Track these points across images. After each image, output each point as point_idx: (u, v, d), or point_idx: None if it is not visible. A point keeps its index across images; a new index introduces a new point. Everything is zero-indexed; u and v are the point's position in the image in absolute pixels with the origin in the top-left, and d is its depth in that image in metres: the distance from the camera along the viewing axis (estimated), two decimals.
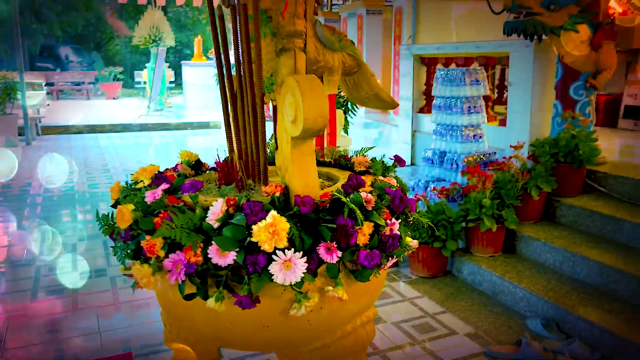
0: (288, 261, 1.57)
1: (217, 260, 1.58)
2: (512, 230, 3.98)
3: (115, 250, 1.93)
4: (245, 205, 1.59)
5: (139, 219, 1.72)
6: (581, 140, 4.01)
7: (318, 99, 1.53)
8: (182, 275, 1.62)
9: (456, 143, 4.53)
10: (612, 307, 3.18)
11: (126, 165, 8.54)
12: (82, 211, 6.00)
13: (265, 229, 1.52)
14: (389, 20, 7.45)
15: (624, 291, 3.24)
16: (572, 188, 4.08)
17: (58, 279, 4.10)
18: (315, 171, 1.68)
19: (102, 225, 1.96)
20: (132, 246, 1.75)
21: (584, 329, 3.08)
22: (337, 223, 1.62)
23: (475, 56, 5.38)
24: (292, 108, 1.57)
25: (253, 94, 1.77)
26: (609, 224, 3.72)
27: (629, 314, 3.09)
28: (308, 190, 1.66)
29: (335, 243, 1.61)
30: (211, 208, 1.63)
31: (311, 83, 1.54)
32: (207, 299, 1.61)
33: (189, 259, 1.61)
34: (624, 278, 3.25)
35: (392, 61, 7.17)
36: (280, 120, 1.70)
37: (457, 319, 3.45)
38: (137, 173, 1.96)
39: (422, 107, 6.16)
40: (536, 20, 4.06)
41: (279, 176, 1.89)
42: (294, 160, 1.64)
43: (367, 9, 7.83)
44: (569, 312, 3.18)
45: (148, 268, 1.65)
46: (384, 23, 7.78)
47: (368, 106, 3.61)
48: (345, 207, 1.62)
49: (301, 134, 1.56)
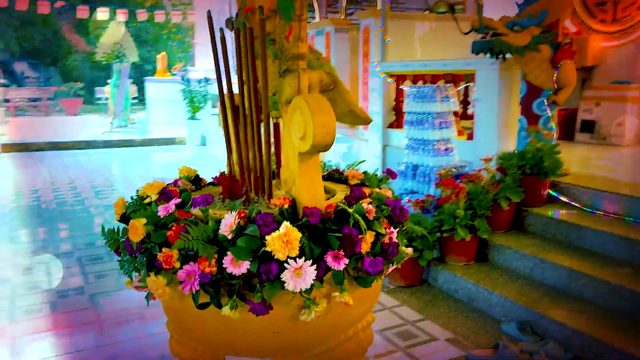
0: (299, 269, 1.67)
1: (231, 269, 1.66)
2: (485, 240, 4.17)
3: (121, 264, 1.99)
4: (258, 217, 1.69)
5: (151, 232, 1.79)
6: (545, 153, 4.26)
7: (326, 116, 1.65)
8: (196, 285, 1.69)
9: (428, 157, 4.72)
10: (581, 308, 3.38)
11: (95, 182, 8.42)
12: (54, 229, 5.91)
13: (279, 239, 1.62)
14: (356, 38, 7.66)
15: (590, 294, 3.46)
16: (538, 198, 4.31)
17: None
18: (321, 184, 1.80)
19: (107, 240, 2.01)
20: (143, 259, 1.82)
21: (556, 331, 3.27)
22: (343, 232, 1.73)
23: (442, 73, 5.63)
24: (301, 125, 1.68)
25: (259, 112, 1.88)
26: (574, 232, 3.96)
27: (597, 314, 3.30)
28: (315, 202, 1.77)
29: (342, 251, 1.72)
30: (223, 220, 1.72)
31: (319, 102, 1.66)
32: (221, 308, 1.69)
33: (203, 269, 1.69)
34: (590, 281, 3.46)
35: (361, 78, 7.37)
36: (286, 137, 1.81)
37: (436, 326, 3.59)
38: (144, 188, 2.02)
39: (391, 122, 6.36)
40: (502, 41, 4.31)
41: (283, 189, 1.99)
42: (301, 174, 1.75)
43: (335, 27, 8.03)
44: (541, 315, 3.37)
45: (163, 279, 1.72)
46: (352, 41, 7.99)
47: (343, 122, 3.76)
48: (351, 217, 1.74)
49: (310, 149, 1.67)
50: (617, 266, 3.53)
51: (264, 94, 1.80)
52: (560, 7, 4.39)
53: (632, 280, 3.32)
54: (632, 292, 3.22)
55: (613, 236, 3.68)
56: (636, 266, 3.50)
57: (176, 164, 8.01)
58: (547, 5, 4.33)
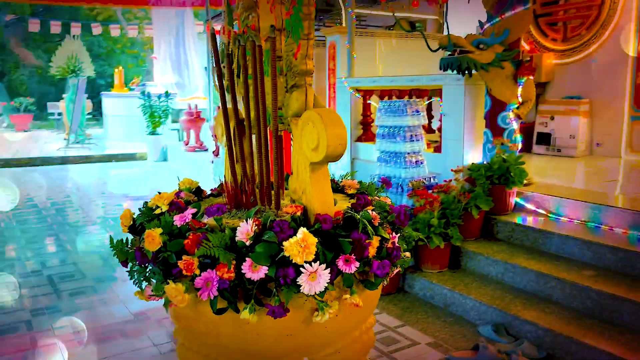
0: (314, 273, 1.76)
1: (250, 275, 1.74)
2: (457, 247, 4.35)
3: (131, 274, 2.02)
4: (275, 224, 1.77)
5: (167, 242, 1.84)
6: (511, 164, 4.50)
7: (338, 128, 1.76)
8: (215, 291, 1.76)
9: (400, 169, 4.89)
10: (550, 309, 3.59)
11: (56, 199, 8.22)
12: (21, 247, 5.75)
13: (297, 244, 1.71)
14: (322, 54, 7.84)
15: (558, 295, 3.68)
16: (506, 207, 4.55)
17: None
18: (330, 192, 1.90)
19: (116, 252, 2.05)
20: (158, 268, 1.86)
21: (530, 331, 3.46)
22: (353, 237, 1.84)
23: (409, 89, 5.85)
24: (314, 137, 1.79)
25: (265, 125, 1.97)
26: (540, 237, 4.19)
27: (565, 314, 3.51)
28: (325, 209, 1.87)
29: (353, 255, 1.82)
30: (239, 228, 1.79)
31: (330, 115, 1.77)
32: (239, 312, 1.76)
33: (221, 275, 1.75)
34: (557, 284, 3.68)
35: (328, 92, 7.54)
36: (296, 149, 1.91)
37: (416, 331, 3.73)
38: (154, 200, 2.07)
39: (359, 136, 6.54)
40: (468, 58, 4.56)
41: (287, 199, 2.08)
42: (312, 183, 1.85)
43: None
44: (515, 317, 3.56)
45: (182, 286, 1.77)
46: (318, 57, 8.17)
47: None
48: (360, 223, 1.85)
49: (323, 159, 1.78)
50: (582, 268, 3.77)
51: (274, 108, 1.90)
52: (521, 26, 4.68)
53: (596, 281, 3.56)
54: (597, 292, 3.45)
55: (577, 240, 3.93)
56: (599, 268, 3.74)
57: (138, 179, 7.93)
58: (509, 25, 4.61)
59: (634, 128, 6.16)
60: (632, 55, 6.08)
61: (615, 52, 6.24)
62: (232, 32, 2.30)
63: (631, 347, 3.06)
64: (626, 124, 6.20)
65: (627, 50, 6.11)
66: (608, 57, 6.33)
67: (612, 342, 3.12)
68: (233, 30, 2.35)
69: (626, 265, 3.64)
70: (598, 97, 6.45)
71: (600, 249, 3.79)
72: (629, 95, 6.15)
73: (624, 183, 5.26)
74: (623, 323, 3.29)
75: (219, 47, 3.66)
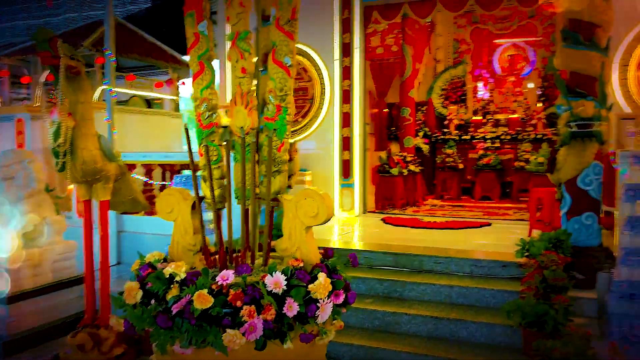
0: (323, 306, 2.43)
1: (288, 313, 2.30)
2: None
3: (155, 338, 2.27)
4: (297, 273, 2.39)
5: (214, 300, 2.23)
6: None
7: (329, 201, 2.52)
8: (260, 331, 2.25)
9: None
10: None
11: None
12: None
13: (322, 286, 2.37)
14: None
15: None
16: None
17: None
18: (315, 246, 2.61)
19: (135, 321, 2.26)
20: (201, 322, 2.21)
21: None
22: (338, 277, 2.58)
23: (167, 163, 6.64)
24: (313, 208, 2.49)
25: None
26: None
27: None
28: (316, 259, 2.57)
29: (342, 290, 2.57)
30: (269, 280, 2.34)
31: (322, 193, 2.52)
32: (283, 344, 2.29)
33: (265, 317, 2.26)
34: None
35: None
36: (289, 217, 2.55)
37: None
38: (172, 268, 2.36)
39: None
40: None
41: (282, 256, 2.63)
42: (307, 241, 2.54)
43: (31, 115, 7.78)
44: None
45: (239, 332, 2.20)
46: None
47: (125, 209, 4.47)
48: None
49: (322, 223, 2.50)
50: None
51: (267, 189, 2.53)
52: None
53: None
54: None
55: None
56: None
57: None
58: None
59: (343, 192, 8.14)
60: (338, 139, 8.10)
61: (325, 137, 8.19)
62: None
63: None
64: (337, 189, 8.14)
65: (333, 136, 8.13)
66: (322, 140, 8.24)
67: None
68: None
69: None
70: (317, 170, 8.25)
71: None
72: (338, 168, 8.14)
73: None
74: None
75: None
